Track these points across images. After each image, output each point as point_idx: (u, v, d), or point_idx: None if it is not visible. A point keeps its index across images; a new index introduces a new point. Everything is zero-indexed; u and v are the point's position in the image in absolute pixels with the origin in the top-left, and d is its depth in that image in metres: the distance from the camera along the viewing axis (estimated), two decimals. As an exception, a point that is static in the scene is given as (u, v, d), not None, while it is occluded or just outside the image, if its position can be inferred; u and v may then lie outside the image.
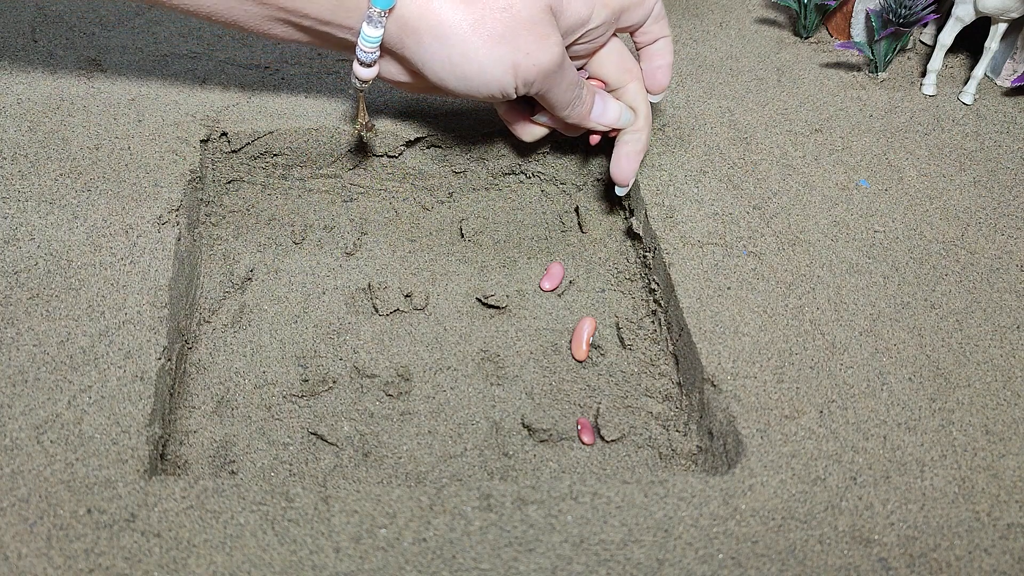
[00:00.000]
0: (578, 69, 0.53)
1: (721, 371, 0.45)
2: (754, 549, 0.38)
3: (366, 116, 0.53)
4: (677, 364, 0.49)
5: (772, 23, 0.73)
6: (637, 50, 0.54)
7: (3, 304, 0.44)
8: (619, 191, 0.55)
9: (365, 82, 0.49)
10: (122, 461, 0.39)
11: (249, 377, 0.48)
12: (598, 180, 0.61)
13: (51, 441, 0.39)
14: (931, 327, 0.48)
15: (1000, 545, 0.39)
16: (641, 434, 0.47)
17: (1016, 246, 0.54)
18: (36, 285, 0.45)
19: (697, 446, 0.45)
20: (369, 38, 0.46)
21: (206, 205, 0.55)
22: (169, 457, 0.43)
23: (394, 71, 0.50)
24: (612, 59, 0.53)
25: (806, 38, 0.71)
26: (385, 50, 0.48)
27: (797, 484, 0.40)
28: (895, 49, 0.66)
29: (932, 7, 0.64)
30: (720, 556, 0.38)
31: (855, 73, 0.67)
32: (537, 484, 0.40)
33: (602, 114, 0.53)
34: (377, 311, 0.52)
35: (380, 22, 0.45)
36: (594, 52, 0.53)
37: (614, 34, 0.53)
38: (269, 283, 0.53)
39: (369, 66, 0.48)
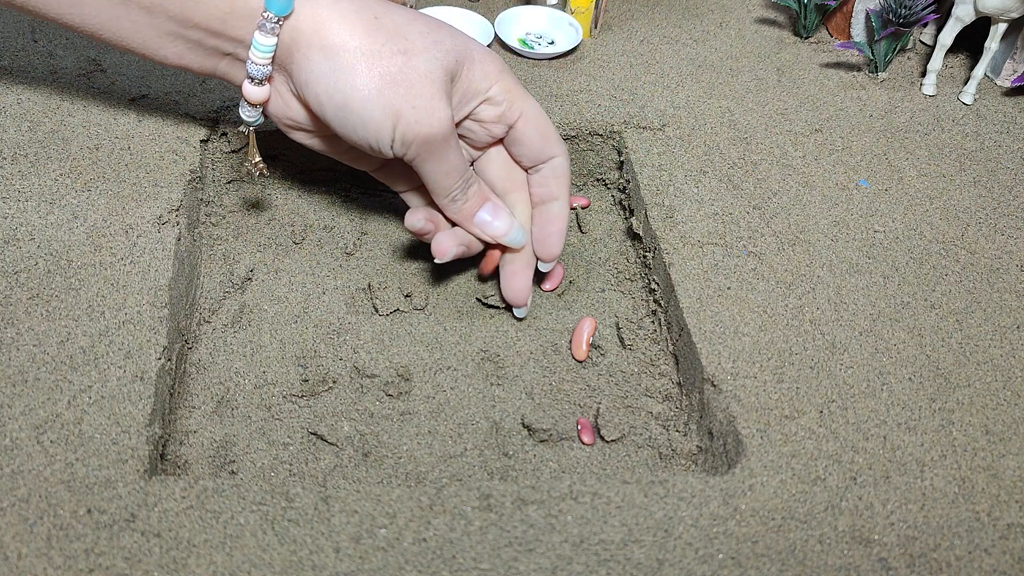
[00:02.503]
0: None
1: (721, 371, 0.45)
2: (754, 549, 0.38)
3: (257, 155, 0.50)
4: (677, 364, 0.49)
5: (772, 23, 0.73)
6: (532, 206, 0.51)
7: (3, 304, 0.44)
8: (518, 312, 0.52)
9: (255, 106, 0.46)
10: (122, 461, 0.39)
11: (249, 377, 0.48)
12: (598, 180, 0.61)
13: (51, 441, 0.39)
14: (931, 327, 0.48)
15: (1000, 545, 0.39)
16: (641, 434, 0.47)
17: (1016, 246, 0.54)
18: (36, 285, 0.45)
19: (697, 446, 0.45)
20: (261, 47, 0.43)
21: (206, 205, 0.55)
22: (169, 457, 0.43)
23: (281, 104, 0.46)
24: (501, 159, 0.50)
25: (806, 38, 0.71)
26: (276, 69, 0.45)
27: (797, 484, 0.40)
28: (895, 49, 0.66)
29: (932, 7, 0.64)
30: (720, 556, 0.38)
31: (855, 73, 0.67)
32: (537, 484, 0.40)
33: (488, 223, 0.49)
34: (377, 311, 0.52)
35: (273, 30, 0.42)
36: (486, 146, 0.50)
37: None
38: (269, 283, 0.53)
39: (260, 83, 0.44)
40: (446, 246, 0.48)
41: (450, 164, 0.46)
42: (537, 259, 0.51)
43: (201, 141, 0.55)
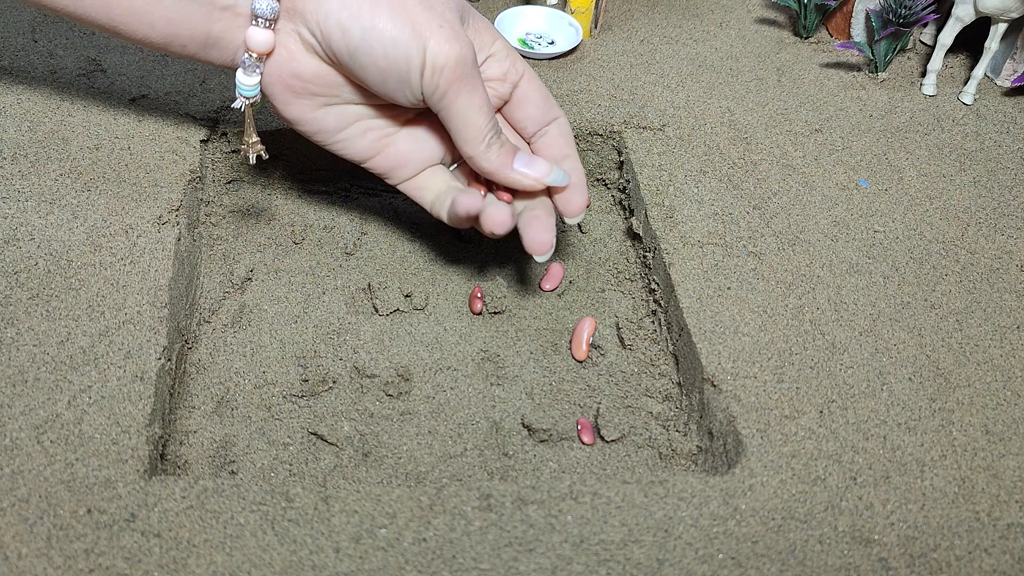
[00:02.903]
0: None
1: (721, 371, 0.45)
2: (754, 549, 0.38)
3: (255, 135, 0.47)
4: (677, 364, 0.49)
5: (772, 23, 0.73)
6: None
7: (3, 304, 0.44)
8: (539, 258, 0.48)
9: (259, 59, 0.42)
10: (122, 461, 0.39)
11: (249, 377, 0.48)
12: (598, 180, 0.61)
13: (51, 441, 0.39)
14: (931, 327, 0.48)
15: (1000, 545, 0.39)
16: (641, 434, 0.47)
17: (1016, 246, 0.54)
18: (36, 285, 0.45)
19: (697, 446, 0.45)
20: None
21: (206, 205, 0.55)
22: (169, 457, 0.43)
23: (286, 58, 0.43)
24: (531, 97, 0.48)
25: (806, 38, 0.71)
26: (285, 10, 0.42)
27: (797, 484, 0.40)
28: (895, 49, 0.66)
29: (932, 7, 0.64)
30: (720, 556, 0.38)
31: (855, 73, 0.67)
32: (537, 484, 0.40)
33: (528, 165, 0.46)
34: (377, 311, 0.52)
35: None
36: (497, 106, 0.48)
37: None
38: (269, 283, 0.53)
39: (268, 25, 0.41)
40: (503, 215, 0.45)
41: (481, 97, 0.43)
42: (562, 217, 0.49)
43: (201, 141, 0.55)
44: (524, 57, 0.65)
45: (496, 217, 0.45)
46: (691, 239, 0.52)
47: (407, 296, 0.52)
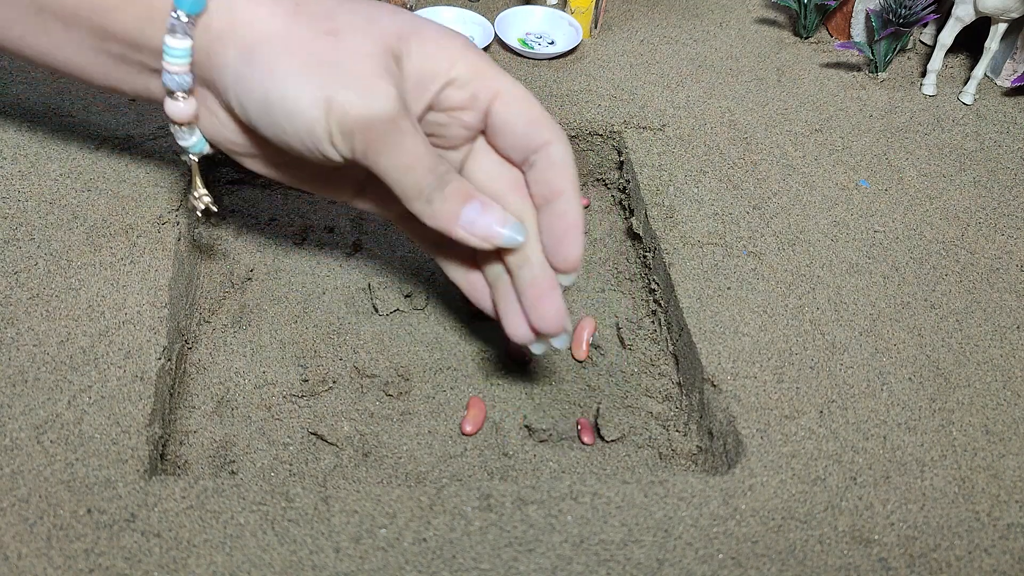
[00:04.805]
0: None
1: (721, 371, 0.45)
2: (754, 549, 0.38)
3: (201, 187, 0.44)
4: (677, 364, 0.49)
5: (772, 23, 0.73)
6: (536, 208, 0.41)
7: (3, 304, 0.44)
8: (558, 343, 0.43)
9: (183, 126, 0.40)
10: (122, 461, 0.39)
11: (249, 377, 0.48)
12: (598, 180, 0.61)
13: (51, 441, 0.39)
14: (931, 327, 0.48)
15: (1000, 545, 0.39)
16: (641, 434, 0.47)
17: (1016, 246, 0.54)
18: (36, 285, 0.45)
19: (697, 446, 0.45)
20: (174, 51, 0.37)
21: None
22: (169, 457, 0.43)
23: (216, 124, 0.40)
24: (489, 160, 0.41)
25: (806, 38, 0.71)
26: (199, 81, 0.39)
27: (797, 484, 0.40)
28: (895, 49, 0.66)
29: (932, 7, 0.64)
30: (720, 556, 0.38)
31: (855, 73, 0.67)
32: (537, 484, 0.40)
33: (474, 221, 0.39)
34: (377, 311, 0.52)
35: (186, 31, 0.37)
36: (463, 142, 0.41)
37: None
38: (269, 283, 0.53)
39: (181, 97, 0.39)
40: (523, 330, 0.41)
41: (409, 155, 0.37)
42: (557, 271, 0.41)
43: (201, 141, 0.55)
44: (524, 57, 0.65)
45: (514, 331, 0.42)
46: (691, 239, 0.52)
47: (407, 296, 0.52)
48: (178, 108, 0.39)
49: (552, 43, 0.67)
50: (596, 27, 0.69)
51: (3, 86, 0.57)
